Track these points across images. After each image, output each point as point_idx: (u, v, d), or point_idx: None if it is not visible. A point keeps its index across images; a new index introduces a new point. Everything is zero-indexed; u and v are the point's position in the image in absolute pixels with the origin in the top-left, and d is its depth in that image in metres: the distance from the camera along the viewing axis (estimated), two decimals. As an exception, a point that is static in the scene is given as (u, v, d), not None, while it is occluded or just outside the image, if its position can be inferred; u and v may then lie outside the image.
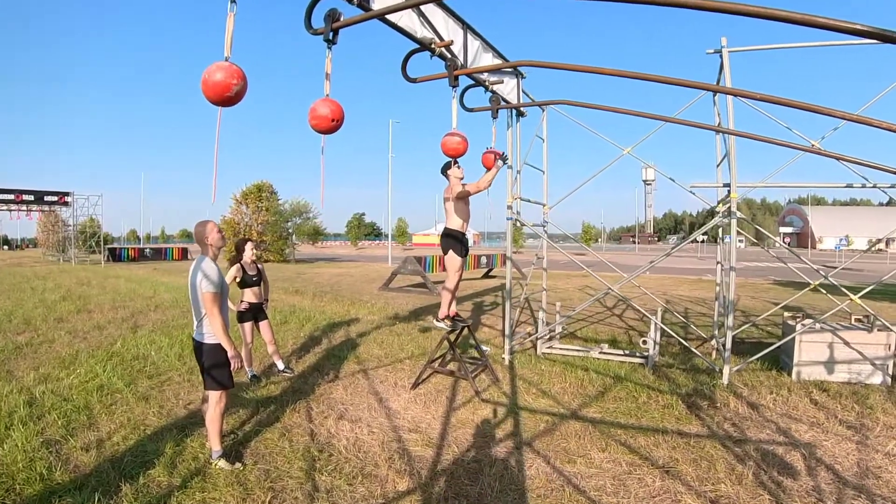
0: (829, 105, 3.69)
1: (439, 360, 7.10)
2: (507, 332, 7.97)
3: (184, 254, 42.99)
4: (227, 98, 3.39)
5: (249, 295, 6.97)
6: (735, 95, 5.20)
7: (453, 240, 6.61)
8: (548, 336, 8.93)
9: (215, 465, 4.41)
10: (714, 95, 8.18)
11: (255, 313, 7.04)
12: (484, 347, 7.77)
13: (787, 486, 4.27)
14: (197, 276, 4.27)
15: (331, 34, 4.25)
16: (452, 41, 5.52)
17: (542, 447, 4.92)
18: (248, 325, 6.98)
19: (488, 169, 6.57)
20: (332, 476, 4.30)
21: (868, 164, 5.89)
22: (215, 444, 4.50)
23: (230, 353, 4.35)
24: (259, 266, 7.12)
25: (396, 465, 4.50)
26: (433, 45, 5.32)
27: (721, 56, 7.56)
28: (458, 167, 6.48)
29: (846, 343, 7.34)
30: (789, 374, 7.40)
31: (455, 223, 6.58)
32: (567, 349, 8.60)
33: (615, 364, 7.86)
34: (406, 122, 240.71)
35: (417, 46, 5.32)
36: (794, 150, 6.09)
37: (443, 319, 6.80)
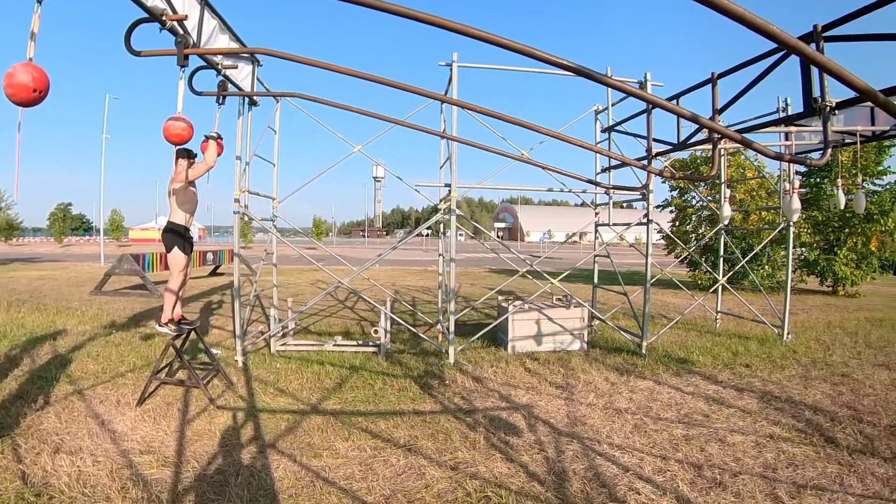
0: (537, 122, 4.47)
1: (166, 370, 6.60)
2: (238, 332, 7.75)
3: None
4: None
5: None
6: (460, 106, 5.83)
7: (176, 235, 6.23)
8: (281, 333, 8.91)
9: None
10: (442, 104, 8.97)
11: None
12: (214, 351, 7.46)
13: (514, 443, 5.06)
14: None
15: (43, -12, 3.64)
16: (187, 16, 5.12)
17: (287, 446, 4.97)
18: None
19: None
20: (53, 521, 3.78)
21: (564, 173, 7.22)
22: None
23: None
24: None
25: (131, 493, 4.09)
26: (164, 17, 4.85)
27: (451, 69, 8.39)
28: (190, 159, 6.18)
29: (550, 319, 8.81)
30: (506, 349, 8.62)
31: (178, 217, 6.20)
32: (301, 345, 8.71)
33: (350, 355, 8.20)
34: (127, 98, 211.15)
35: (146, 16, 4.81)
36: (507, 158, 7.04)
37: (166, 324, 6.37)
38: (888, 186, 17.38)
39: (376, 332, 8.63)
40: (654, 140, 7.93)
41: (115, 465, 4.55)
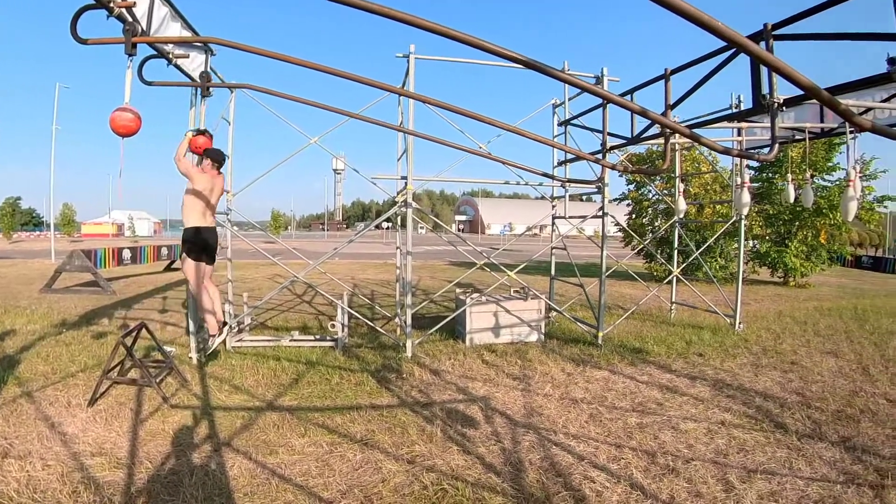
0: (497, 116, 4.50)
1: (118, 369, 6.43)
2: (192, 328, 7.60)
3: None
4: None
5: None
6: (417, 100, 5.83)
7: None
8: (237, 329, 8.78)
9: None
10: (399, 97, 8.92)
11: None
12: (168, 348, 7.32)
13: (471, 436, 5.10)
14: None
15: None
16: (136, 3, 4.95)
17: (242, 444, 4.90)
18: None
19: (194, 152, 6.35)
20: (3, 529, 3.64)
21: (520, 167, 7.31)
22: None
23: None
24: None
25: (83, 497, 3.97)
26: (112, 4, 4.68)
27: (408, 61, 8.34)
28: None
29: (507, 311, 8.87)
30: (464, 341, 8.68)
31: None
32: (257, 340, 8.58)
33: (307, 350, 8.15)
34: (78, 87, 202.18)
35: (93, 2, 4.63)
36: (465, 152, 7.06)
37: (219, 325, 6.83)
38: (837, 182, 18.00)
39: (333, 326, 8.57)
40: (609, 134, 8.05)
41: (66, 469, 4.40)
